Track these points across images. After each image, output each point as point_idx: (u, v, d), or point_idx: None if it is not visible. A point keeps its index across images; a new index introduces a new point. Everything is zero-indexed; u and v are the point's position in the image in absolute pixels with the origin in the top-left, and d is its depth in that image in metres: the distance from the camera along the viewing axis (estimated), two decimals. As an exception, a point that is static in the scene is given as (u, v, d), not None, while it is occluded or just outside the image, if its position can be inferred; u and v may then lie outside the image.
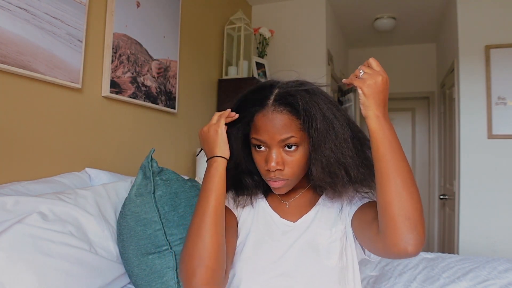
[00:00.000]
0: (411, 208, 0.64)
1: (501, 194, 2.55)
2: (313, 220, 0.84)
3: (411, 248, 0.63)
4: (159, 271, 1.08)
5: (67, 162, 1.44)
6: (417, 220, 0.64)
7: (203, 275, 0.69)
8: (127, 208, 1.15)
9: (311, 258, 0.79)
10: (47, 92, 1.36)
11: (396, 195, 0.65)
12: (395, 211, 0.64)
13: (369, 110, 0.69)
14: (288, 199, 0.88)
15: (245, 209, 0.89)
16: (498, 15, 2.61)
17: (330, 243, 0.80)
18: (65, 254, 0.93)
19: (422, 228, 0.64)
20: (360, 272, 0.91)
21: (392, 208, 0.65)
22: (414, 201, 0.65)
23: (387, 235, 0.65)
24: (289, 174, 0.78)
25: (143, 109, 1.89)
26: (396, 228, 0.64)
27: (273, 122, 0.76)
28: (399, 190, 0.65)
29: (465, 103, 2.68)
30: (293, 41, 3.11)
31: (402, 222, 0.64)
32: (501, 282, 1.32)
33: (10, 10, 1.18)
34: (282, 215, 0.86)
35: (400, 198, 0.65)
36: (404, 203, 0.65)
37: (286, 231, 0.84)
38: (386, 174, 0.67)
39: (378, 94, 0.69)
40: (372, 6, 3.23)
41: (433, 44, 4.04)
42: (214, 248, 0.71)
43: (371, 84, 0.69)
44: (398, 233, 0.63)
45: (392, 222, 0.64)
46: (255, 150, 0.80)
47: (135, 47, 1.79)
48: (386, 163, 0.67)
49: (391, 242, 0.64)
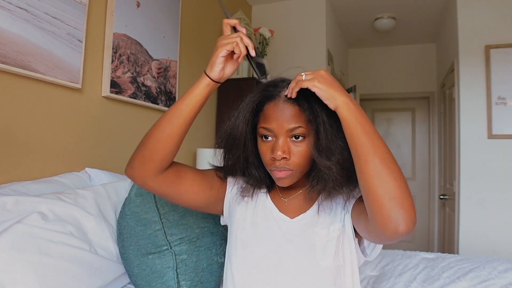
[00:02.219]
0: (393, 186, 0.62)
1: (501, 194, 2.55)
2: (311, 218, 0.84)
3: (402, 227, 0.61)
4: (159, 271, 1.08)
5: (67, 162, 1.44)
6: (403, 198, 0.62)
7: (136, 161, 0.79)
8: (127, 208, 1.15)
9: (306, 257, 0.80)
10: (47, 92, 1.36)
11: (375, 175, 0.63)
12: (377, 192, 0.63)
13: (336, 99, 0.69)
14: (287, 197, 0.89)
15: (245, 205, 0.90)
16: (498, 15, 2.61)
17: (327, 242, 0.80)
18: (65, 254, 0.93)
19: (410, 204, 0.62)
20: (360, 272, 0.91)
21: (374, 189, 0.63)
22: (396, 179, 0.63)
23: (375, 219, 0.63)
24: (294, 165, 0.78)
25: (143, 109, 1.89)
26: (382, 209, 0.62)
27: (283, 111, 0.77)
28: (378, 170, 0.64)
29: (465, 103, 2.68)
30: (293, 41, 3.11)
31: (387, 202, 0.62)
32: (501, 282, 1.32)
33: (10, 10, 1.18)
34: (280, 210, 0.87)
35: (381, 178, 0.63)
36: (386, 183, 0.63)
37: (283, 227, 0.84)
38: (364, 156, 0.65)
39: (333, 83, 0.71)
40: (372, 6, 3.23)
41: (433, 44, 4.04)
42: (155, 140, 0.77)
43: (320, 79, 0.70)
44: (385, 215, 0.62)
45: (377, 204, 0.63)
46: (262, 141, 0.81)
47: (135, 47, 1.79)
48: (362, 146, 0.66)
49: (381, 225, 0.63)
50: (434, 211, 3.97)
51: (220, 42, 0.75)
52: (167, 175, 0.81)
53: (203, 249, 1.14)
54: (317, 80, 0.70)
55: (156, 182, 0.80)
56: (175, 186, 0.83)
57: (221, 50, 0.74)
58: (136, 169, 0.79)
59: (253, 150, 0.85)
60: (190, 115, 0.78)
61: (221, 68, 0.77)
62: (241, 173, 0.89)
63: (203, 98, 0.78)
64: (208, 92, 0.78)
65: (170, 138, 0.77)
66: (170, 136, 0.77)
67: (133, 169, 0.80)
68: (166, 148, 0.77)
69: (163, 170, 0.80)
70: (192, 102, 0.77)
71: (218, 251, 1.18)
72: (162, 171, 0.80)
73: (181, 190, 0.84)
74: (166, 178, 0.81)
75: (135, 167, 0.79)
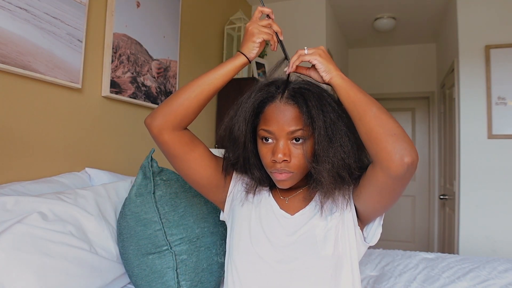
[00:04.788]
0: (393, 126, 0.68)
1: (501, 194, 2.55)
2: (310, 212, 0.85)
3: (407, 158, 0.66)
4: (159, 271, 1.08)
5: (67, 162, 1.44)
6: (403, 134, 0.68)
7: (158, 112, 0.81)
8: (127, 208, 1.15)
9: (307, 249, 0.81)
10: (47, 92, 1.36)
11: (375, 119, 0.69)
12: (379, 131, 0.68)
13: (332, 72, 0.77)
14: (287, 196, 0.90)
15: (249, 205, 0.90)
16: (498, 15, 2.61)
17: (326, 231, 0.81)
18: (65, 254, 0.93)
19: (410, 140, 0.68)
20: (360, 272, 0.91)
21: (375, 131, 0.69)
22: (394, 121, 0.69)
23: (380, 157, 0.68)
24: (295, 167, 0.79)
25: (143, 109, 1.89)
26: (386, 145, 0.67)
27: (284, 113, 0.78)
28: (377, 115, 0.70)
29: (465, 103, 2.68)
30: (293, 41, 3.10)
31: (389, 138, 0.67)
32: (501, 282, 1.32)
33: (10, 10, 1.18)
34: (281, 207, 0.88)
35: (380, 120, 0.69)
36: (385, 123, 0.68)
37: (283, 223, 0.85)
38: (362, 108, 0.71)
39: (331, 59, 0.78)
40: (372, 6, 3.23)
41: (433, 44, 4.04)
42: (183, 98, 0.80)
43: (321, 53, 0.78)
44: (389, 149, 0.67)
45: (380, 142, 0.68)
46: (262, 143, 0.81)
47: (135, 47, 1.79)
48: (360, 100, 0.72)
49: (387, 161, 0.67)
50: (434, 211, 3.97)
51: (256, 28, 0.81)
52: (182, 135, 0.84)
53: (203, 249, 1.14)
54: (318, 54, 0.77)
55: (171, 136, 0.82)
56: (186, 148, 0.85)
57: (259, 37, 0.81)
58: (156, 119, 0.82)
59: (254, 151, 0.85)
60: (218, 86, 0.82)
61: (257, 51, 0.83)
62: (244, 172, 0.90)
63: (233, 73, 0.83)
64: (239, 69, 0.83)
65: (196, 100, 0.81)
66: (197, 98, 0.81)
67: (153, 118, 0.82)
68: (190, 108, 0.81)
69: (180, 129, 0.83)
70: (224, 73, 0.81)
71: (218, 251, 1.18)
72: (179, 129, 0.83)
73: (190, 156, 0.85)
74: (181, 138, 0.84)
75: (156, 117, 0.82)
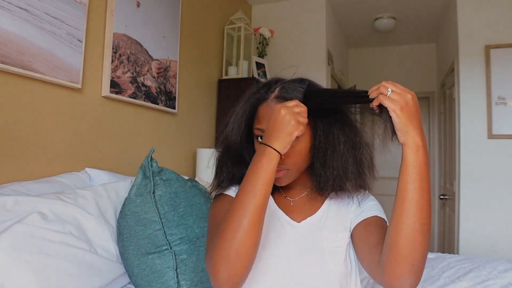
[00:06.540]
0: (419, 255, 0.63)
1: (501, 194, 2.55)
2: (317, 222, 0.84)
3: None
4: (159, 271, 1.08)
5: (67, 162, 1.44)
6: (421, 266, 0.64)
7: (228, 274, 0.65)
8: (127, 208, 1.15)
9: (314, 261, 0.80)
10: (47, 92, 1.36)
11: (409, 241, 0.63)
12: (403, 254, 0.63)
13: (408, 136, 0.62)
14: (292, 197, 0.88)
15: None
16: (498, 15, 2.61)
17: (335, 247, 0.81)
18: (65, 254, 0.93)
19: (422, 272, 0.65)
20: (360, 272, 0.91)
21: (401, 251, 0.63)
22: (424, 247, 0.63)
23: (387, 272, 0.66)
24: (290, 164, 0.78)
25: (143, 109, 1.89)
26: (398, 270, 0.64)
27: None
28: (415, 236, 0.63)
29: (465, 103, 2.68)
30: (293, 41, 3.11)
31: (406, 266, 0.63)
32: (501, 282, 1.32)
33: (10, 10, 1.18)
34: (286, 212, 0.87)
35: (413, 244, 0.63)
36: (414, 250, 0.63)
37: (290, 231, 0.84)
38: (406, 216, 0.63)
39: (414, 116, 0.63)
40: (372, 6, 3.23)
41: (433, 44, 4.04)
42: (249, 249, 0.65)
43: (404, 106, 0.62)
44: (398, 275, 0.64)
45: (396, 263, 0.64)
46: (258, 142, 0.81)
47: (135, 47, 1.79)
48: (410, 202, 0.63)
49: (389, 279, 0.66)
50: (434, 211, 3.97)
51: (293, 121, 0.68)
52: None
53: (203, 249, 1.14)
54: (400, 106, 0.62)
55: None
56: None
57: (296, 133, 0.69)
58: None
59: (249, 152, 0.85)
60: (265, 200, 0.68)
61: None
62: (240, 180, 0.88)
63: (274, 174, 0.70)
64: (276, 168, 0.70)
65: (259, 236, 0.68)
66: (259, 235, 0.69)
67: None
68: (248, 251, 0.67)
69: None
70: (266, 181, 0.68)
71: (218, 251, 1.18)
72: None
73: None
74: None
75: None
